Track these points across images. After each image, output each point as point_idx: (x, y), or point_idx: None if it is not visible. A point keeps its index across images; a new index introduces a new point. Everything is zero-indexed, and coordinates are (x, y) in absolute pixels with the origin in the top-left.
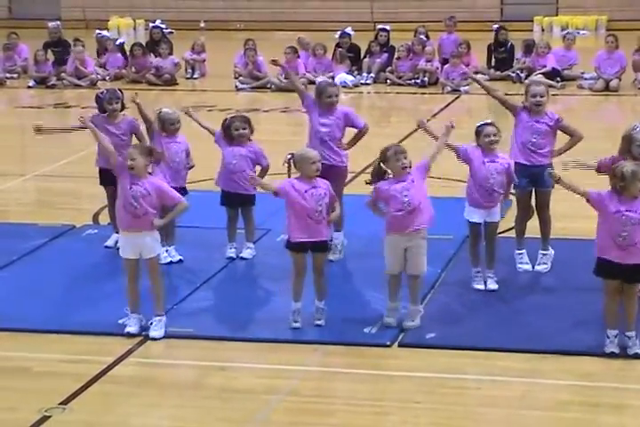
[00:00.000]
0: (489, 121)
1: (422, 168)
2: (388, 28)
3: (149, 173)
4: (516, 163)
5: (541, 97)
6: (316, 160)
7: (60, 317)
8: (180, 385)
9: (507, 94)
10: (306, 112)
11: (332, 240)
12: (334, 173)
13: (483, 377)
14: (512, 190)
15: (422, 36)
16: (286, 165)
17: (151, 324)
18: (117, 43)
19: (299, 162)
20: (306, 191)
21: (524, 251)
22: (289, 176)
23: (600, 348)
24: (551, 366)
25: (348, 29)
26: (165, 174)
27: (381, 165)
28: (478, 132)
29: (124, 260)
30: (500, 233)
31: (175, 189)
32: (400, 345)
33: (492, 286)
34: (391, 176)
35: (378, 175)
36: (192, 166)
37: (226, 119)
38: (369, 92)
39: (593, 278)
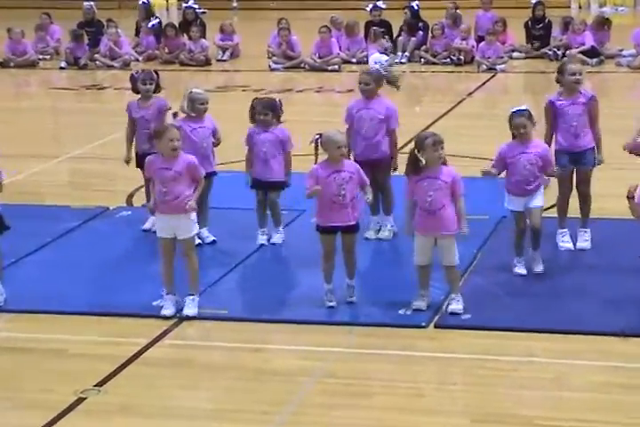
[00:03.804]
0: (523, 108)
1: (459, 186)
2: (382, 5)
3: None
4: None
5: (580, 75)
6: (342, 145)
7: (94, 299)
8: (215, 367)
9: (544, 72)
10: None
11: (379, 224)
12: (381, 163)
13: (520, 359)
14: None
15: (454, 11)
16: (313, 144)
17: (184, 302)
18: (150, 26)
19: (325, 144)
20: (328, 176)
21: (566, 230)
22: (316, 156)
23: (638, 329)
24: (589, 348)
25: (380, 3)
26: None
27: (416, 152)
28: (510, 119)
29: (159, 239)
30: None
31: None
32: (436, 326)
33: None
34: (423, 164)
35: (412, 166)
36: (218, 143)
37: (256, 98)
38: (404, 71)
39: (632, 259)
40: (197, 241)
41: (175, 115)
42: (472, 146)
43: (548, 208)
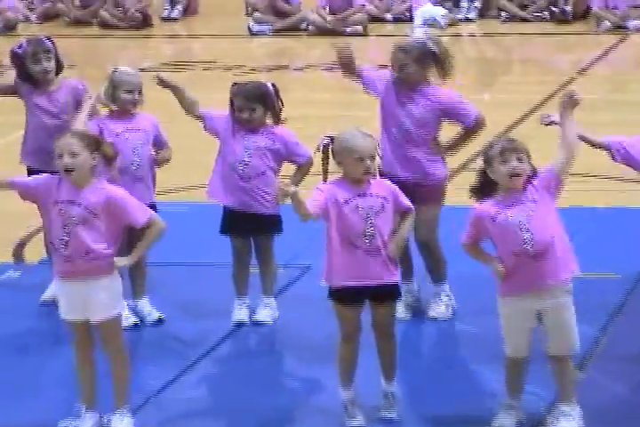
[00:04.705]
0: None
1: (548, 179)
2: None
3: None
4: None
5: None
6: (366, 155)
7: None
8: None
9: None
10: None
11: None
12: (422, 192)
13: None
14: None
15: None
16: (320, 152)
17: (109, 422)
18: None
19: (338, 154)
20: (346, 202)
21: None
22: (325, 173)
23: None
24: None
25: None
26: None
27: (487, 172)
28: None
29: (64, 322)
30: None
31: None
32: None
33: None
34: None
35: (483, 189)
36: (166, 160)
37: (235, 84)
38: (472, 35)
39: None
40: (134, 320)
41: None
42: (588, 155)
43: None
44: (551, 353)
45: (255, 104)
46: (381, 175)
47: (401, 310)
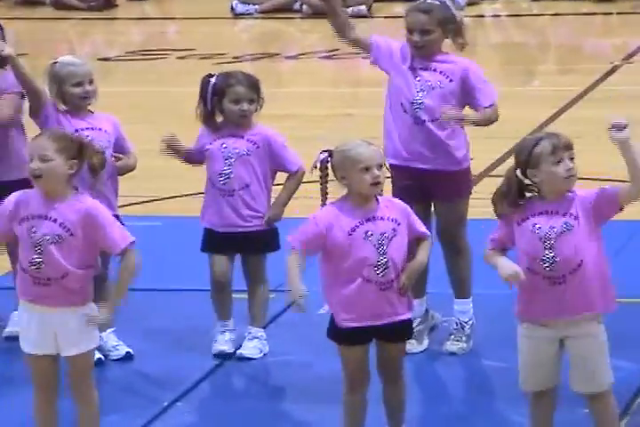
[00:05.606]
0: None
1: (607, 198)
2: None
3: (76, 190)
4: None
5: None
6: (373, 164)
7: None
8: None
9: None
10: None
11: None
12: (444, 183)
13: None
14: None
15: None
16: (317, 170)
17: None
18: None
19: (341, 167)
20: (353, 230)
21: None
22: (324, 193)
23: None
24: None
25: None
26: None
27: (518, 173)
28: None
29: (27, 357)
30: None
31: None
32: None
33: None
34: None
35: (512, 195)
36: (129, 169)
37: (207, 80)
38: (497, 16)
39: None
40: (97, 356)
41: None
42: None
43: None
44: (574, 389)
45: (254, 94)
46: (392, 170)
47: (412, 341)
